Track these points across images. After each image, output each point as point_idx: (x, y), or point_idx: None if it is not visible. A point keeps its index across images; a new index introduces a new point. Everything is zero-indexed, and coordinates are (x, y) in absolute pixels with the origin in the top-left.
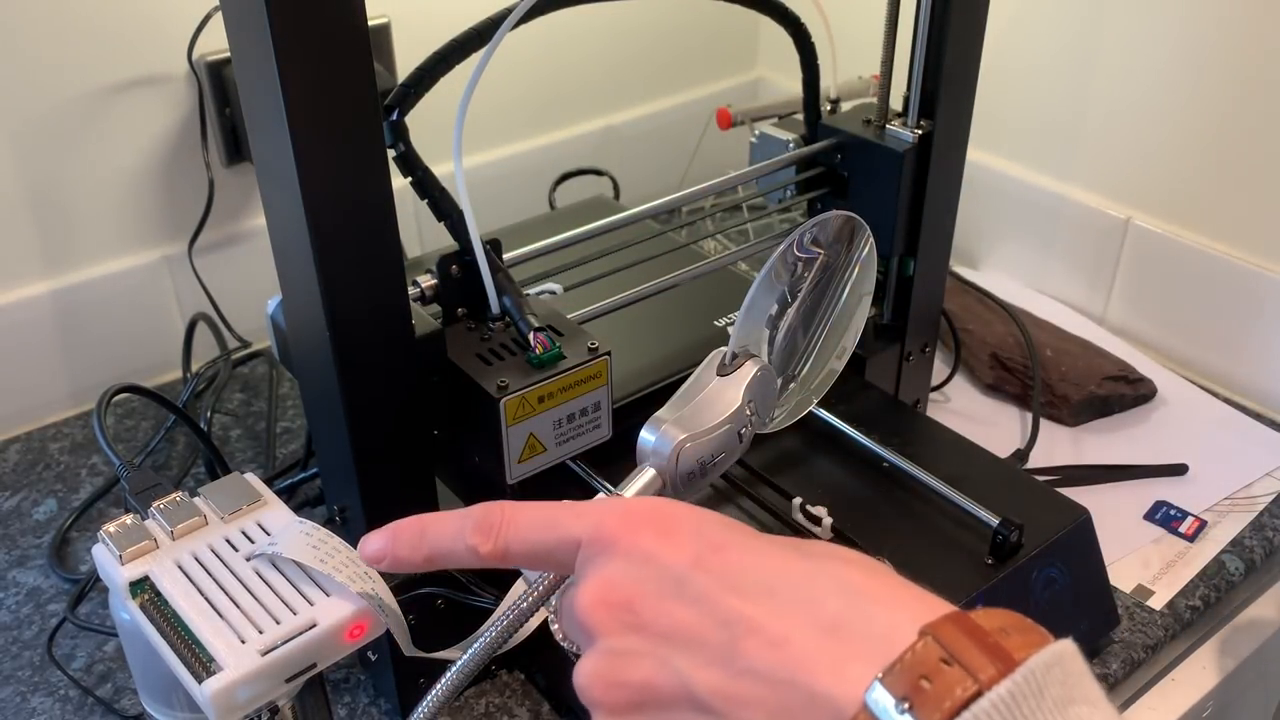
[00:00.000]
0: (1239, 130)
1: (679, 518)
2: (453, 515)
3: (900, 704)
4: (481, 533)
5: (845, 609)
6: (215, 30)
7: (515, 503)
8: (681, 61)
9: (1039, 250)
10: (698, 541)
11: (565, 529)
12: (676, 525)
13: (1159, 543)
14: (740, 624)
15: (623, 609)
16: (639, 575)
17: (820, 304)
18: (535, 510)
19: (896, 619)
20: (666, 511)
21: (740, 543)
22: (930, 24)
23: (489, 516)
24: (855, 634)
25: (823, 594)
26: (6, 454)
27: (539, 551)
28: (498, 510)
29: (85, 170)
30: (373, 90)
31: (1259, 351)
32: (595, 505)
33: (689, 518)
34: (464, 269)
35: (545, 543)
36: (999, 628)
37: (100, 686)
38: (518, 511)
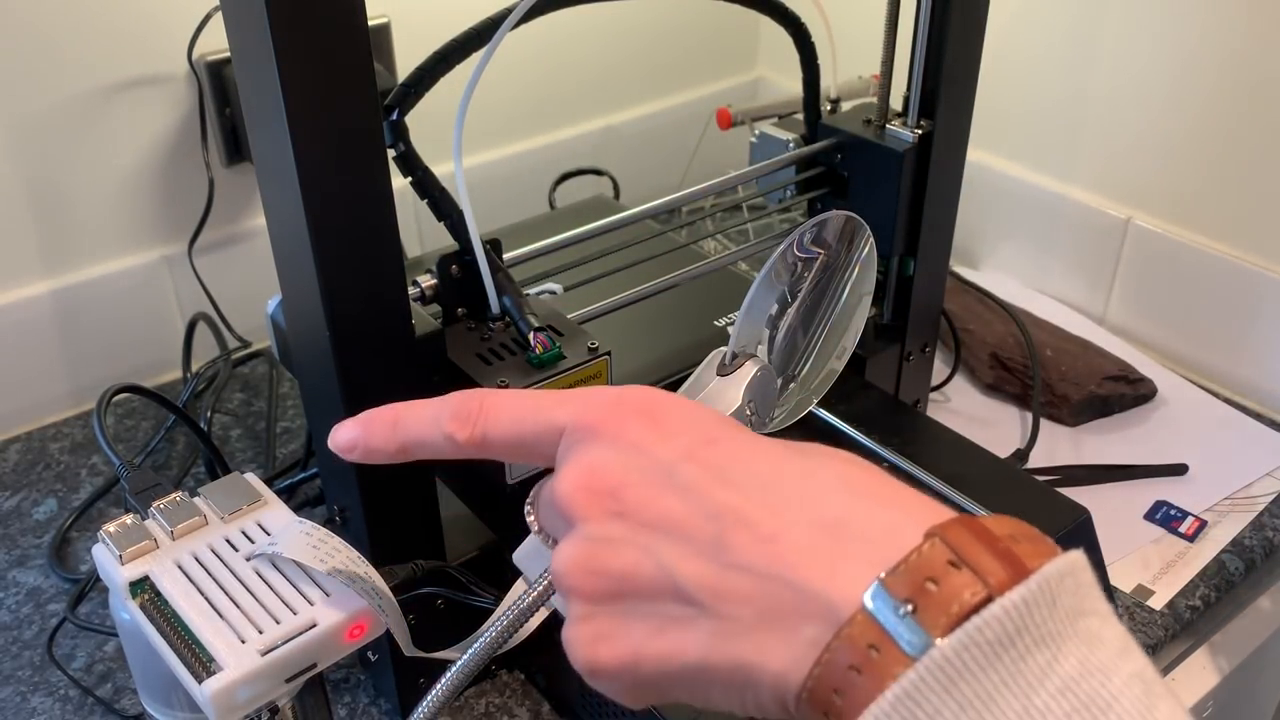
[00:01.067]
0: (1239, 130)
1: (671, 408)
2: (429, 402)
3: (902, 605)
4: (459, 420)
5: (844, 508)
6: (215, 30)
7: (495, 390)
8: (681, 61)
9: (1039, 250)
10: (690, 433)
11: (548, 415)
12: (668, 415)
13: (1159, 543)
14: (730, 516)
15: (607, 495)
16: (625, 462)
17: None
18: (516, 396)
19: (899, 520)
20: (659, 400)
21: (734, 437)
22: (930, 24)
23: (467, 403)
24: (854, 533)
25: (821, 491)
26: (6, 454)
27: (520, 439)
28: (476, 397)
29: (85, 170)
30: (373, 90)
31: (1259, 351)
32: (581, 391)
33: (682, 408)
34: (464, 269)
35: (527, 430)
36: (1009, 534)
37: (100, 686)
38: (498, 398)
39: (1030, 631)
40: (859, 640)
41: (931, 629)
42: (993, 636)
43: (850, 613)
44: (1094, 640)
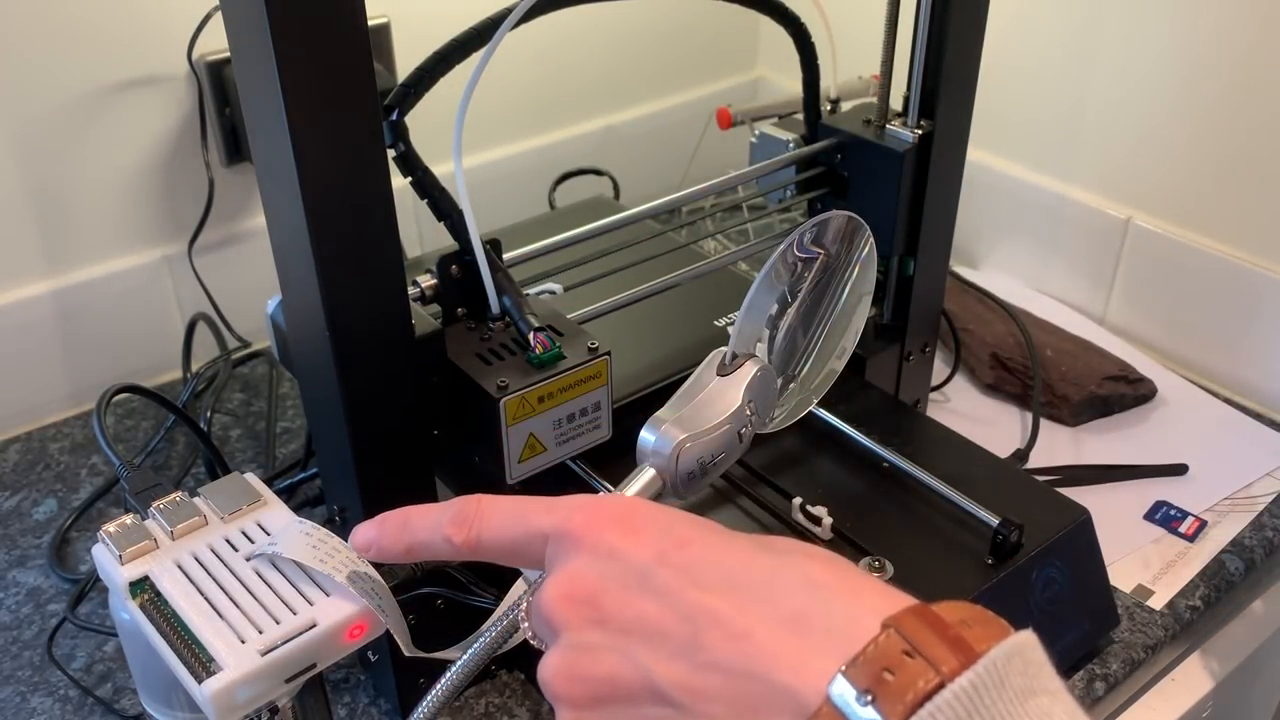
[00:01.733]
0: (1239, 130)
1: (644, 515)
2: (435, 507)
3: (863, 696)
4: (456, 524)
5: (808, 602)
6: (215, 30)
7: (492, 496)
8: (681, 61)
9: (1039, 250)
10: (662, 538)
11: (533, 524)
12: (641, 522)
13: (1159, 543)
14: (703, 617)
15: (586, 604)
16: (602, 570)
17: (820, 304)
18: (507, 505)
19: (858, 612)
20: (632, 509)
21: (704, 538)
22: (930, 24)
23: (465, 509)
24: (817, 627)
25: (786, 588)
26: (6, 454)
27: (509, 545)
28: (474, 504)
29: (85, 170)
30: (373, 90)
31: (1259, 351)
32: (563, 501)
33: (654, 515)
34: (464, 269)
35: (514, 537)
36: (960, 620)
37: (100, 686)
38: (492, 505)
39: (981, 714)
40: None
41: (890, 716)
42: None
43: (817, 704)
44: (1044, 718)
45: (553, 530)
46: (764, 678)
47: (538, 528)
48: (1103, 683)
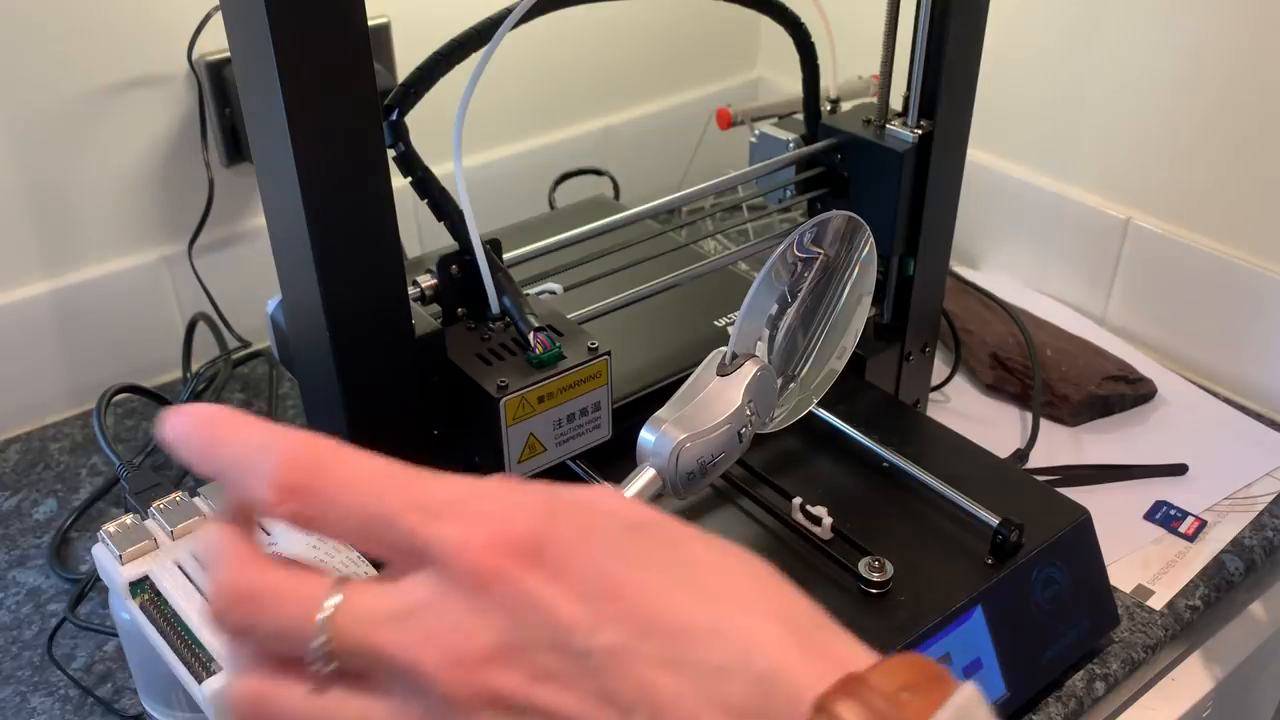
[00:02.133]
0: (1239, 130)
1: (568, 543)
2: (258, 433)
3: None
4: (280, 488)
5: (755, 679)
6: (215, 30)
7: (341, 452)
8: (681, 61)
9: (1039, 250)
10: (592, 580)
11: (408, 528)
12: (565, 555)
13: (1159, 543)
14: (646, 710)
15: (487, 683)
16: (513, 634)
17: (820, 304)
18: (363, 477)
19: (800, 685)
20: (552, 530)
21: (640, 581)
22: (930, 24)
23: (297, 468)
24: (762, 713)
25: (731, 659)
26: (6, 454)
27: (360, 540)
28: (310, 461)
29: (85, 170)
30: (373, 90)
31: (1259, 351)
32: (452, 501)
33: (581, 543)
34: (464, 269)
35: (365, 532)
36: (897, 688)
37: (100, 686)
38: (337, 473)
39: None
40: None
41: None
42: None
43: None
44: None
45: (440, 554)
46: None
47: (411, 537)
48: (1103, 683)
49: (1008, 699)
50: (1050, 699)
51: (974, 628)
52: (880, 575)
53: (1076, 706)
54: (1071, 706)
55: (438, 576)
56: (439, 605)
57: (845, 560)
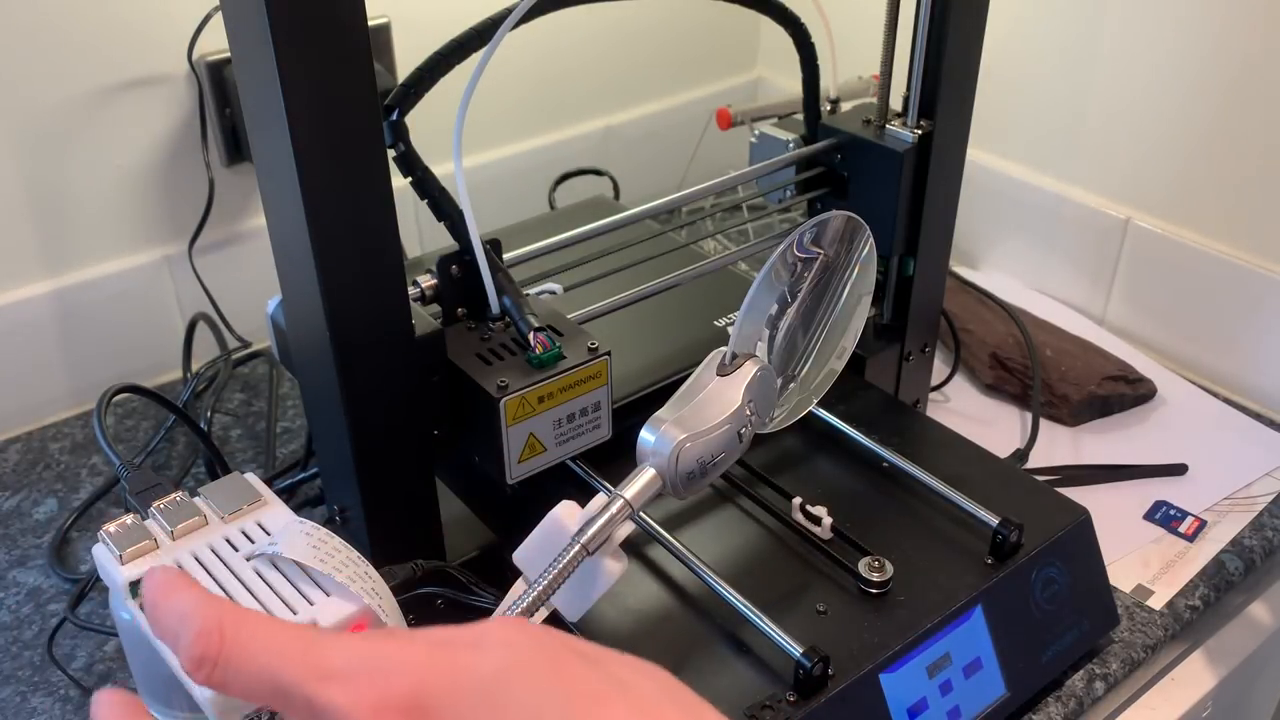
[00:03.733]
0: (1239, 130)
1: (444, 700)
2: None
3: None
4: (194, 661)
5: None
6: (215, 30)
7: (248, 625)
8: (681, 61)
9: (1039, 250)
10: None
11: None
12: (443, 713)
13: (1159, 543)
14: None
15: None
16: None
17: (820, 304)
18: (265, 654)
19: None
20: (429, 693)
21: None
22: (930, 24)
23: (207, 640)
24: None
25: None
26: (6, 454)
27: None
28: (216, 635)
29: (85, 170)
30: (373, 90)
31: (1259, 351)
32: (346, 676)
33: (455, 698)
34: (464, 269)
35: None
36: None
37: (100, 686)
38: (246, 645)
39: None
40: None
41: None
42: None
43: None
44: None
45: (330, 716)
46: None
47: (305, 701)
48: (1103, 683)
49: (1008, 699)
50: (1050, 699)
51: (974, 627)
52: (880, 575)
53: (1076, 706)
54: (1071, 706)
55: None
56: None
57: (845, 560)
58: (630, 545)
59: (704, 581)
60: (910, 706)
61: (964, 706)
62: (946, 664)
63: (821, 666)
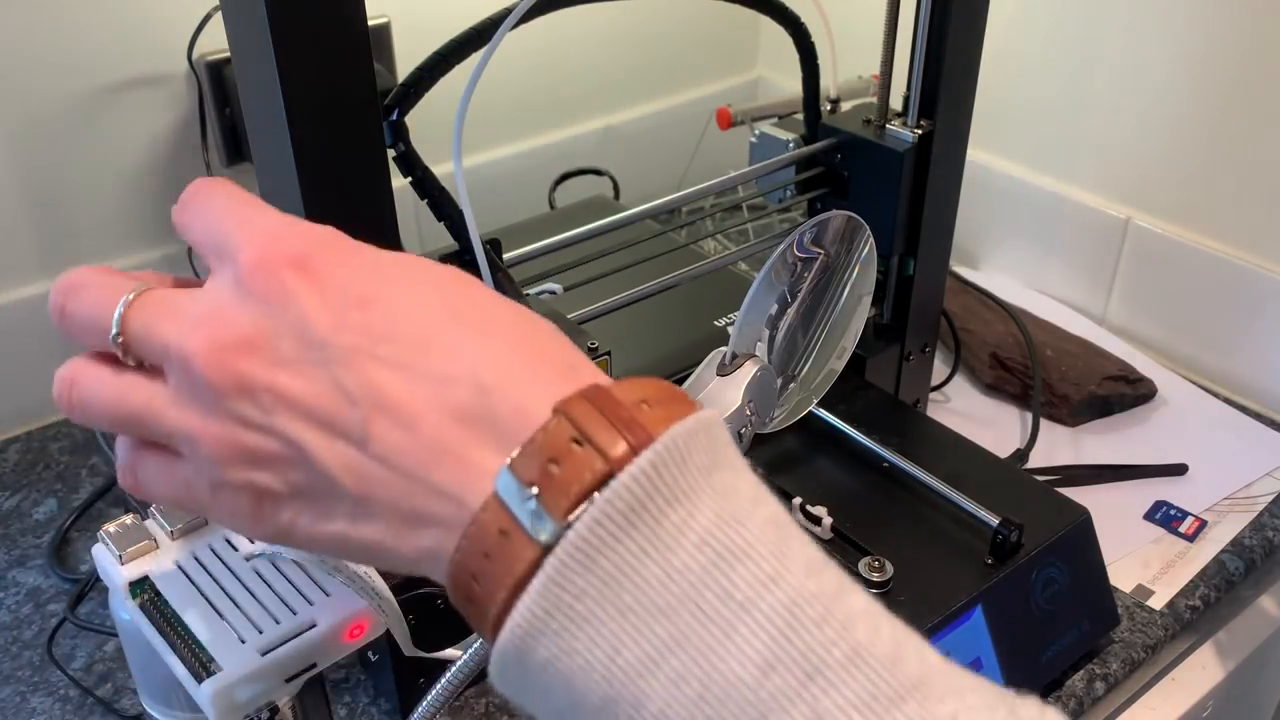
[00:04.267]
0: (1239, 130)
1: (326, 259)
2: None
3: (526, 490)
4: (175, 213)
5: (485, 384)
6: (215, 30)
7: (215, 191)
8: (681, 61)
9: (1039, 250)
10: (343, 294)
11: (222, 238)
12: (323, 268)
13: (1159, 543)
14: (371, 401)
15: (247, 371)
16: (272, 329)
17: (820, 304)
18: (217, 210)
19: (532, 397)
20: (311, 248)
21: (388, 297)
22: (930, 24)
23: (59, 380)
24: (488, 415)
25: (464, 368)
26: (6, 454)
27: (205, 242)
28: (192, 192)
29: (85, 170)
30: (373, 90)
31: (1259, 351)
32: (258, 229)
33: (336, 260)
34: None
35: (211, 243)
36: (638, 400)
37: (100, 686)
38: (208, 203)
39: (661, 493)
40: (490, 526)
41: (554, 511)
42: (623, 507)
43: (480, 503)
44: (728, 492)
45: (231, 257)
46: (430, 482)
47: (223, 238)
48: (1103, 683)
49: None
50: (1050, 699)
51: (974, 627)
52: (880, 575)
53: (1076, 706)
54: (1071, 706)
55: (226, 279)
56: (214, 302)
57: (845, 560)
58: None
59: None
60: None
61: None
62: None
63: None
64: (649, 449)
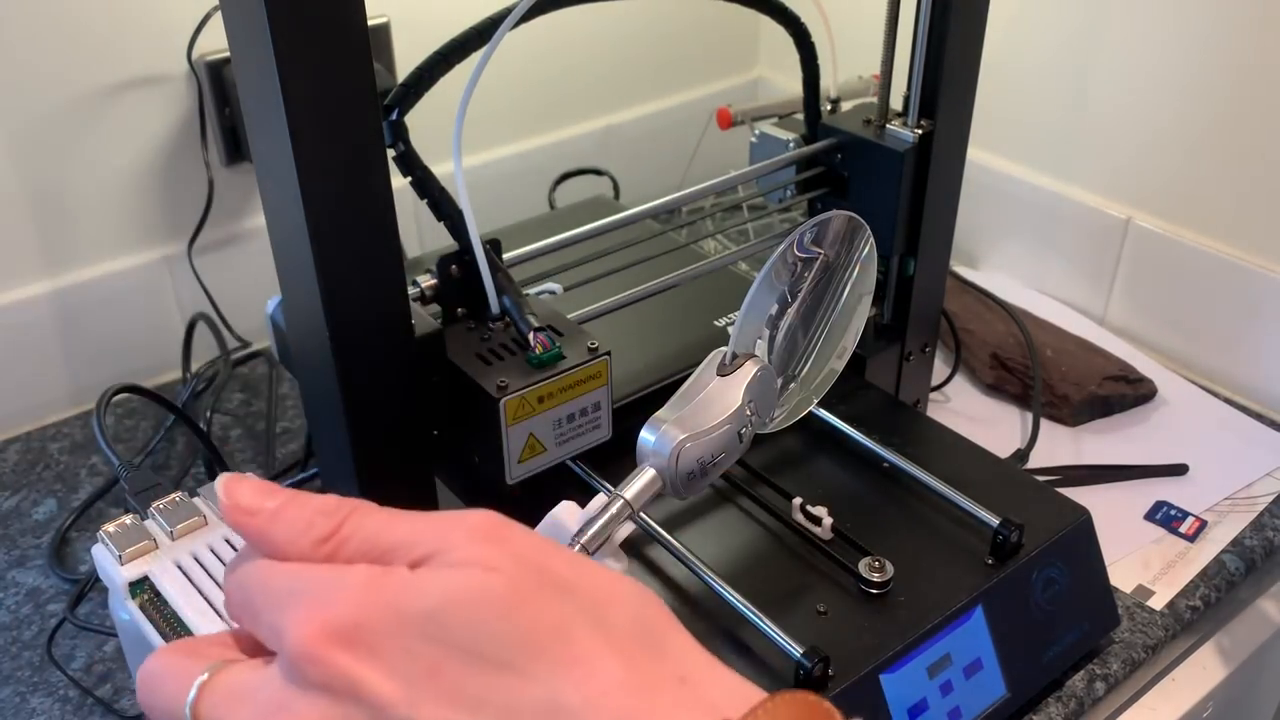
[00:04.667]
0: (1239, 130)
1: (379, 626)
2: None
3: None
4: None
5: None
6: (215, 30)
7: (246, 563)
8: (681, 61)
9: (1039, 250)
10: (409, 660)
11: (266, 628)
12: (379, 637)
13: (1159, 543)
14: None
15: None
16: (336, 713)
17: (820, 304)
18: (251, 582)
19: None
20: (366, 617)
21: (458, 660)
22: (930, 24)
23: (234, 572)
24: None
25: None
26: (6, 454)
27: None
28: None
29: (85, 170)
30: (373, 90)
31: (1259, 351)
32: (296, 600)
33: (395, 623)
34: (464, 269)
35: (253, 628)
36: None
37: (100, 686)
38: (238, 578)
39: None
40: None
41: None
42: None
43: None
44: None
45: (279, 641)
46: None
47: (268, 627)
48: (1103, 683)
49: (1008, 699)
50: (1050, 699)
51: (974, 628)
52: (880, 575)
53: (1076, 707)
54: (1071, 707)
55: (285, 664)
56: (276, 688)
57: (845, 560)
58: (630, 545)
59: (704, 582)
60: (910, 707)
61: (964, 707)
62: (947, 664)
63: (822, 667)
64: None
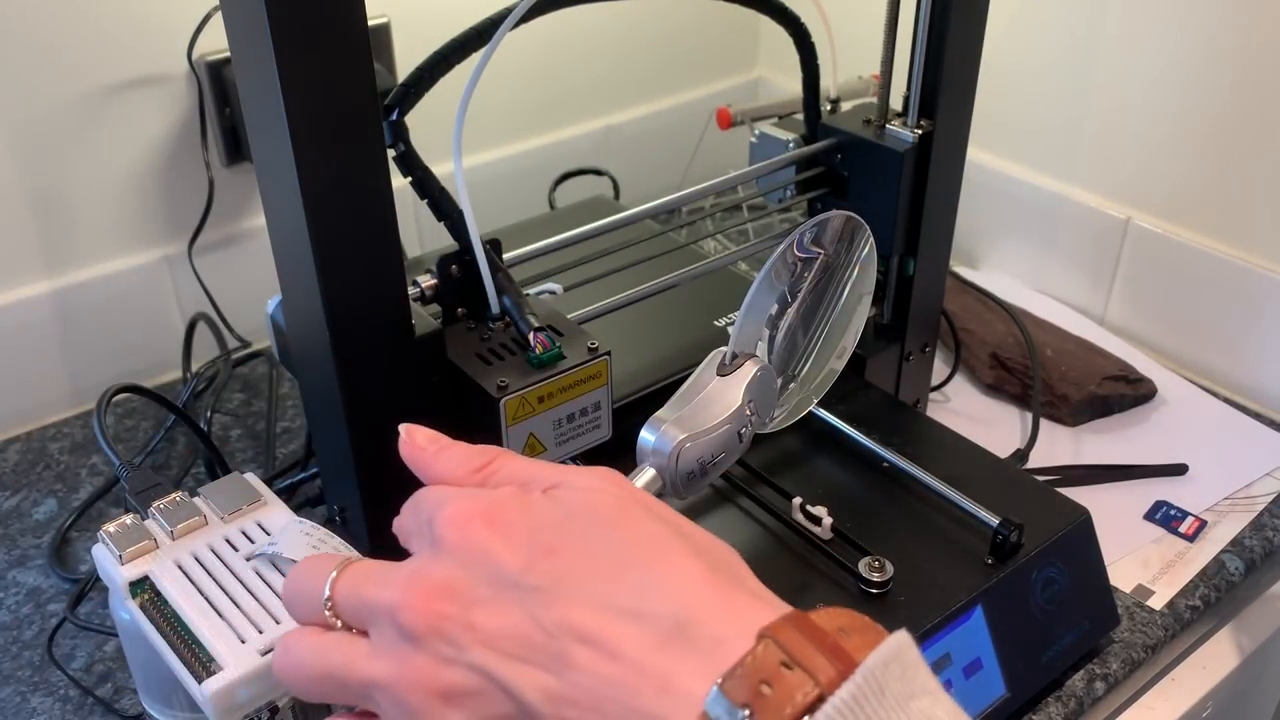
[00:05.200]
0: (1239, 130)
1: (512, 515)
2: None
3: (740, 711)
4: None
5: (678, 619)
6: (215, 30)
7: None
8: (681, 61)
9: (1039, 250)
10: (530, 543)
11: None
12: (510, 523)
13: (1159, 543)
14: (570, 634)
15: (452, 611)
16: (471, 575)
17: (820, 304)
18: (424, 493)
19: (732, 626)
20: (499, 507)
21: (571, 547)
22: (930, 24)
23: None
24: (689, 645)
25: (656, 604)
26: (6, 454)
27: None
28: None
29: (85, 170)
30: (373, 90)
31: (1259, 351)
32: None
33: (521, 516)
34: (464, 269)
35: (418, 522)
36: (838, 627)
37: (100, 686)
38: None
39: (868, 717)
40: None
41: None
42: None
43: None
44: (927, 718)
45: (430, 531)
46: (629, 703)
47: (427, 520)
48: (1103, 683)
49: (1008, 699)
50: (1050, 699)
51: (974, 628)
52: (880, 575)
53: (1076, 706)
54: (1071, 706)
55: (425, 544)
56: (413, 563)
57: (845, 560)
58: None
59: None
60: None
61: (964, 706)
62: (947, 664)
63: None
64: (850, 679)
